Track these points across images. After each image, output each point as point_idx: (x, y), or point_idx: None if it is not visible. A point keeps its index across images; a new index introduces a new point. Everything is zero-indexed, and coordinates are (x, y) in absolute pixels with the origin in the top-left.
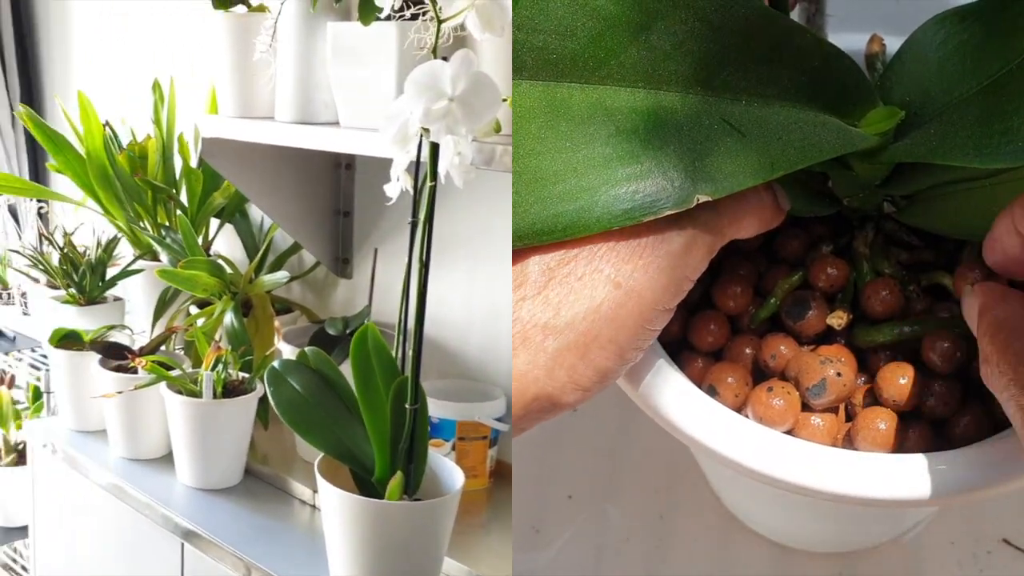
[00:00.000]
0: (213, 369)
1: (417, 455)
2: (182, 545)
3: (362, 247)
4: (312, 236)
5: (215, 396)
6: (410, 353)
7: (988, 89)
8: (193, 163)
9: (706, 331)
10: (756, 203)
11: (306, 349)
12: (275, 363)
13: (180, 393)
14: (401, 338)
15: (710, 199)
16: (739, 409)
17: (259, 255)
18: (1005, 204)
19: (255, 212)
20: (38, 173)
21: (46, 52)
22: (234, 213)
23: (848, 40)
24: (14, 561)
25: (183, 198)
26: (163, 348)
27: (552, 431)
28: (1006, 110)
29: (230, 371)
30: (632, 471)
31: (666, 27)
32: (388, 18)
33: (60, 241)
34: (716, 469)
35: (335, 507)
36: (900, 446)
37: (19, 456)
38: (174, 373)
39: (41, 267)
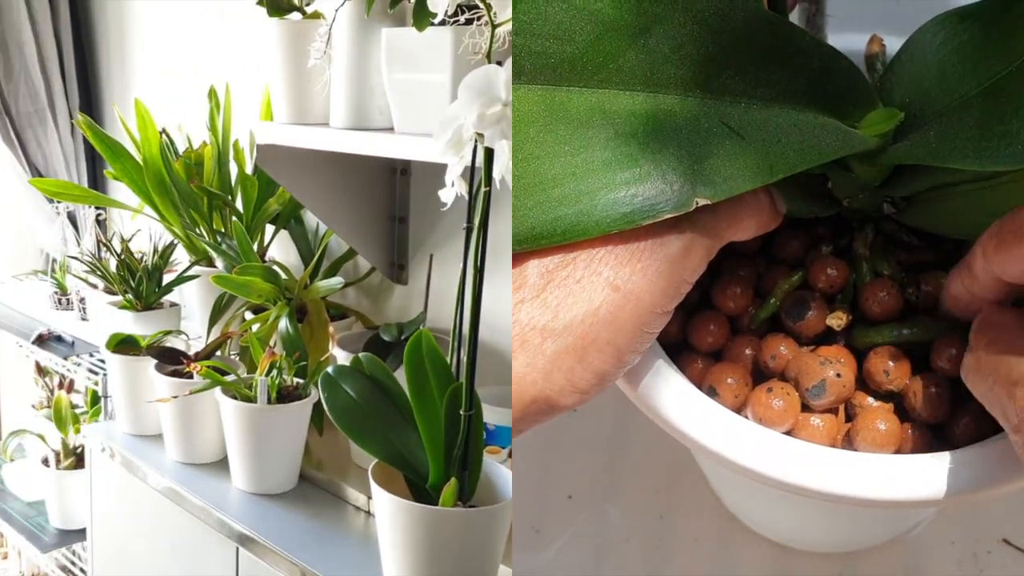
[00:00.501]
0: (268, 374)
1: (472, 462)
2: (237, 549)
3: (417, 253)
4: (367, 242)
5: (269, 401)
6: (465, 359)
7: (988, 91)
8: (248, 169)
9: (706, 332)
10: (754, 205)
11: (360, 355)
12: (329, 369)
13: (235, 398)
14: (456, 344)
15: (709, 202)
16: (739, 410)
17: (314, 261)
18: (1004, 205)
19: (310, 218)
20: (96, 180)
21: (104, 61)
22: (289, 219)
23: (848, 40)
24: (72, 564)
25: (238, 204)
26: (218, 353)
27: (552, 432)
28: (1006, 112)
29: (284, 376)
30: (632, 471)
31: (664, 31)
32: (442, 23)
33: (117, 247)
34: (716, 469)
35: (389, 513)
36: (900, 447)
37: (78, 460)
38: (229, 378)
39: (99, 273)
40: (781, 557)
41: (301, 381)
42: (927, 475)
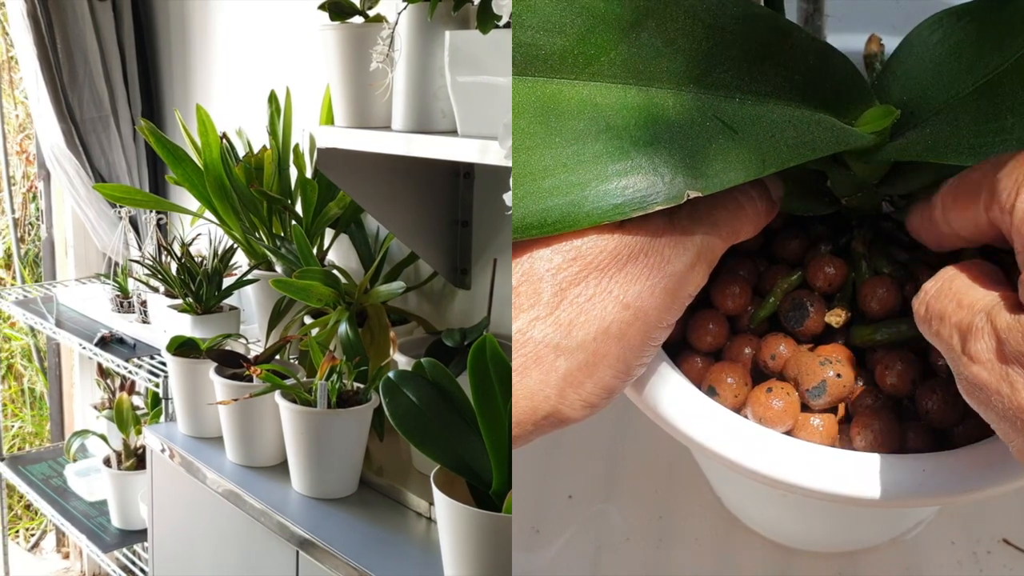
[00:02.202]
0: (328, 379)
1: None
2: (297, 553)
3: (481, 257)
4: (429, 246)
5: (330, 406)
6: None
7: (983, 88)
8: (308, 173)
9: (705, 331)
10: (751, 209)
11: (423, 360)
12: (391, 374)
13: (294, 402)
14: None
15: (701, 195)
16: (739, 409)
17: (374, 265)
18: None
19: (371, 222)
20: (158, 185)
21: (166, 68)
22: (349, 223)
23: (847, 40)
24: (132, 564)
25: (298, 208)
26: (277, 357)
27: (552, 433)
28: (1000, 109)
29: (344, 381)
30: (632, 471)
31: (656, 25)
32: (506, 25)
33: (178, 251)
34: (716, 469)
35: (451, 519)
36: (900, 446)
37: (139, 461)
38: (289, 382)
39: (160, 277)
40: (781, 557)
41: (361, 386)
42: (927, 474)
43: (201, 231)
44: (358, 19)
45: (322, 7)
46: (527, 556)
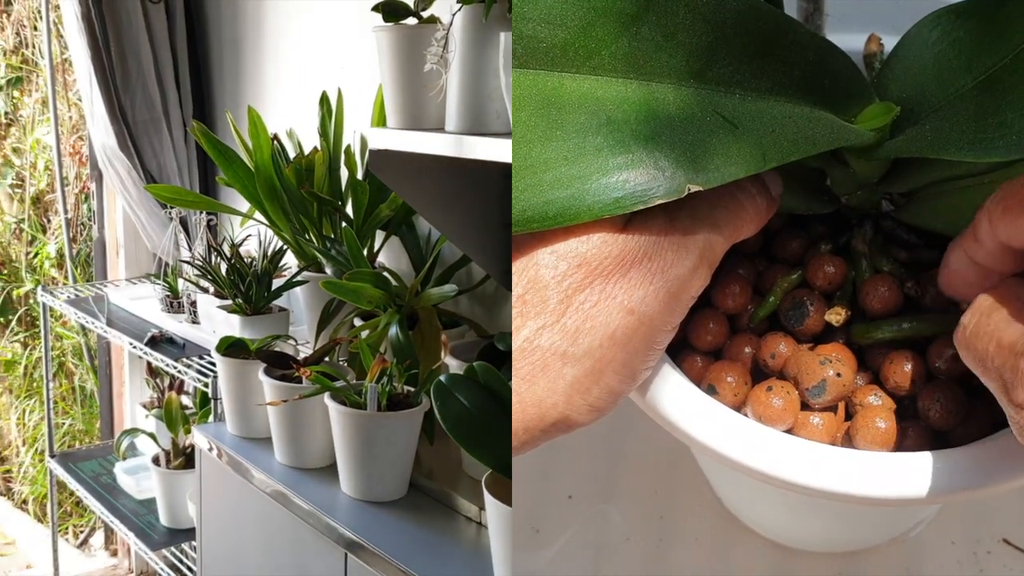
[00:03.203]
0: (378, 381)
1: None
2: (345, 555)
3: None
4: (482, 249)
5: (379, 409)
6: None
7: (983, 84)
8: (359, 175)
9: (705, 330)
10: (751, 207)
11: (475, 364)
12: (442, 377)
13: (344, 404)
14: None
15: (701, 188)
16: (739, 408)
17: (425, 268)
18: None
19: (422, 224)
20: (208, 187)
21: (217, 70)
22: (401, 225)
23: (847, 40)
24: (180, 562)
25: (349, 210)
26: (326, 359)
27: None
28: (1000, 104)
29: (395, 384)
30: (632, 471)
31: (657, 19)
32: None
33: (228, 252)
34: (716, 469)
35: (501, 524)
36: (900, 445)
37: (187, 460)
38: (338, 384)
39: (210, 277)
40: (781, 557)
41: (412, 389)
42: (927, 473)
43: (251, 232)
44: (412, 20)
45: (376, 8)
46: (527, 556)
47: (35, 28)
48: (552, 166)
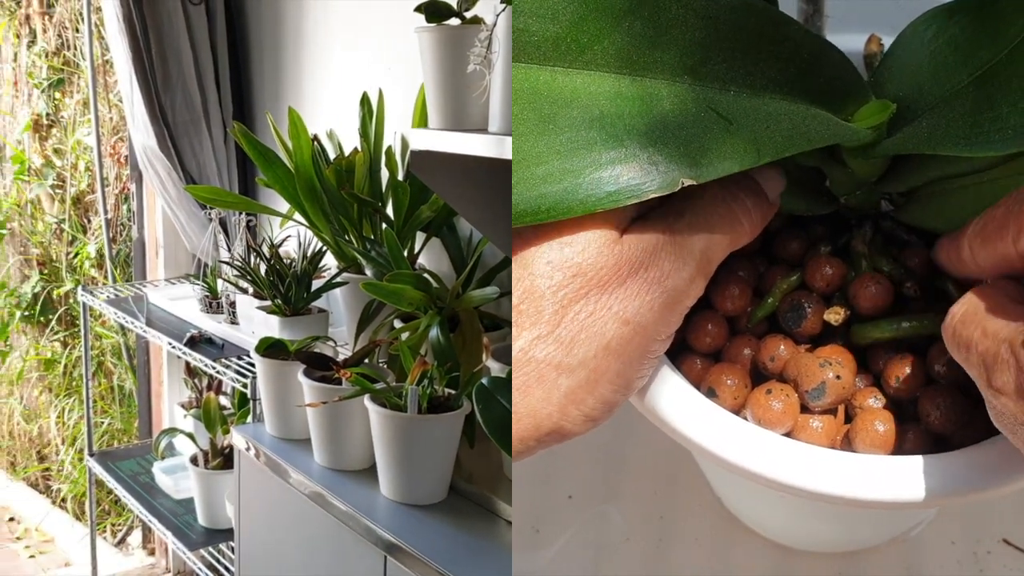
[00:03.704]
0: (419, 384)
1: None
2: (385, 558)
3: None
4: None
5: (420, 411)
6: None
7: (978, 80)
8: (400, 176)
9: (704, 332)
10: (747, 221)
11: None
12: (484, 380)
13: (384, 406)
14: None
15: (695, 183)
16: (738, 411)
17: (467, 269)
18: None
19: (463, 226)
20: (247, 187)
21: (257, 70)
22: (442, 227)
23: (847, 40)
24: (218, 562)
25: (389, 211)
26: (366, 360)
27: None
28: (995, 99)
29: (435, 387)
30: (632, 471)
31: (649, 14)
32: None
33: (267, 253)
34: (716, 470)
35: None
36: (899, 448)
37: (225, 460)
38: (378, 386)
39: (249, 278)
40: (781, 557)
41: (453, 392)
42: (927, 476)
43: (290, 233)
44: (455, 21)
45: (418, 9)
46: (527, 556)
47: (76, 30)
48: (545, 160)
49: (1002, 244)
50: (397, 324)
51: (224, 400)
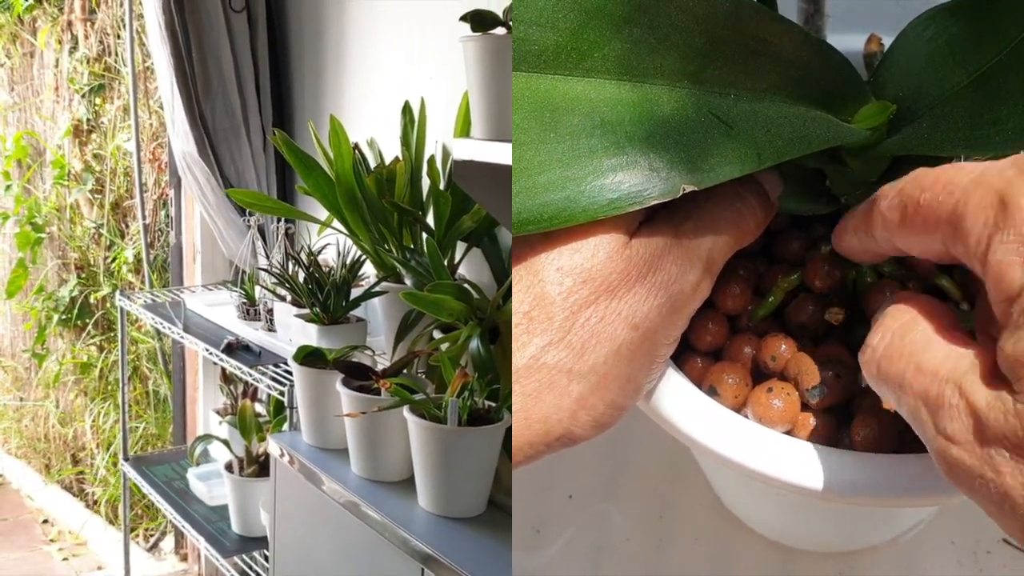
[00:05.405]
0: (459, 396)
1: None
2: (422, 570)
3: None
4: None
5: (460, 423)
6: None
7: (978, 81)
8: (442, 185)
9: (705, 331)
10: (752, 219)
11: None
12: None
13: (423, 417)
14: None
15: (696, 188)
16: (739, 409)
17: (508, 281)
18: None
19: (505, 236)
20: (286, 194)
21: (298, 78)
22: (483, 237)
23: (847, 40)
24: (250, 569)
25: (430, 221)
26: (405, 371)
27: None
28: (995, 100)
29: (476, 399)
30: (632, 471)
31: (649, 21)
32: None
33: (306, 261)
34: (716, 469)
35: None
36: (901, 446)
37: (260, 468)
38: (418, 397)
39: (287, 285)
40: (781, 557)
41: (493, 404)
42: (927, 475)
43: (329, 241)
44: (500, 30)
45: (464, 18)
46: (527, 556)
47: (118, 36)
48: (547, 168)
49: (927, 237)
50: (436, 335)
51: (259, 407)
